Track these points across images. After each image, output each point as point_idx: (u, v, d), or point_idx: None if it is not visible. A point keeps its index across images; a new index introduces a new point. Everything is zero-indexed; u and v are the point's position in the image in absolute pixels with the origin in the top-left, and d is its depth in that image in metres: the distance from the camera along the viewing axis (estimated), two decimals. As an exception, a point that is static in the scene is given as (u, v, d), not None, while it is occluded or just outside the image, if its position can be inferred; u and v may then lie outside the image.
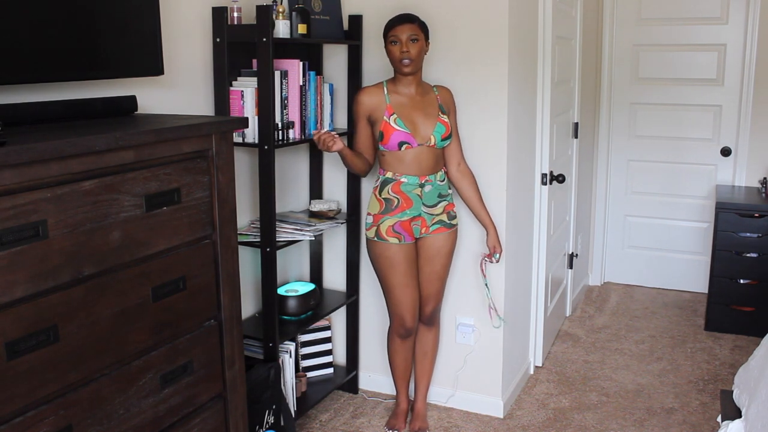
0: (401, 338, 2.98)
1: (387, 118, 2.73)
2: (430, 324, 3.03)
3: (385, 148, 2.76)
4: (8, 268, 1.44)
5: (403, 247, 2.80)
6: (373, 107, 2.77)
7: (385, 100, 2.76)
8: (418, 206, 2.79)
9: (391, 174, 2.78)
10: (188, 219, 1.89)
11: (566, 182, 3.94)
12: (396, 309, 2.89)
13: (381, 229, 2.79)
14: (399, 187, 2.77)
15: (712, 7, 4.43)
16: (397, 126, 2.71)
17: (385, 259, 2.81)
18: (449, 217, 2.87)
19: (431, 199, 2.81)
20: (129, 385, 1.75)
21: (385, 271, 2.84)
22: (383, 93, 2.78)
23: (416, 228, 2.81)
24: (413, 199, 2.78)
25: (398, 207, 2.78)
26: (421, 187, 2.77)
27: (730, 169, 4.54)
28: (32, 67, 1.83)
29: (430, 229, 2.83)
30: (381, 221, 2.80)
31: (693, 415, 3.19)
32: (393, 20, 2.74)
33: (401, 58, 2.68)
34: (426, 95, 2.81)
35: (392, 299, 2.88)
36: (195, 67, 2.63)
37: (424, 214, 2.81)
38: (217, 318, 2.04)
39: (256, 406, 2.54)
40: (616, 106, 4.78)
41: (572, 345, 3.96)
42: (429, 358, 3.07)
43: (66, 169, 1.54)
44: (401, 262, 2.80)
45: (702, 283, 4.68)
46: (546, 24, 3.31)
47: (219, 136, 1.96)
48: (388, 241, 2.79)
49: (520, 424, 3.12)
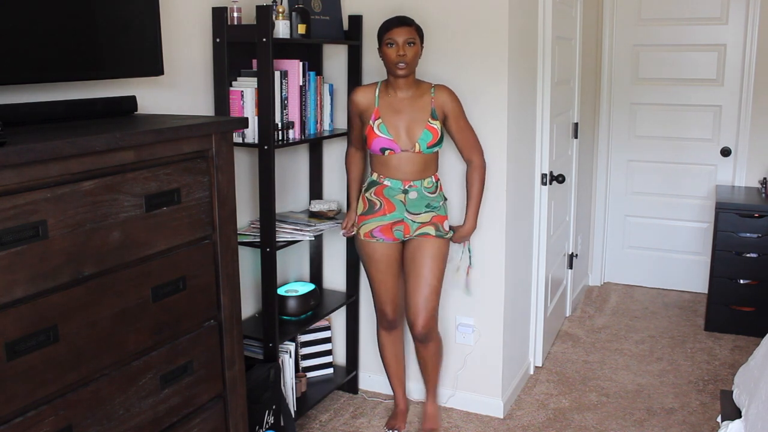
0: (386, 330, 3.01)
1: (372, 122, 2.71)
2: (424, 341, 2.90)
3: (369, 150, 2.78)
4: (8, 268, 1.44)
5: (383, 245, 2.81)
6: (363, 108, 2.75)
7: (374, 103, 2.72)
8: (401, 211, 2.76)
9: (377, 176, 2.78)
10: (188, 219, 1.89)
11: (566, 182, 3.94)
12: (377, 301, 2.94)
13: (361, 231, 2.82)
14: (382, 191, 2.77)
15: (712, 7, 4.43)
16: (379, 132, 2.69)
17: (365, 255, 2.86)
18: (437, 229, 2.79)
19: (416, 206, 2.76)
20: (129, 386, 1.75)
21: (367, 266, 2.90)
22: (374, 95, 2.74)
23: (398, 232, 2.79)
24: (396, 204, 2.76)
25: (380, 210, 2.77)
26: (404, 192, 2.74)
27: (730, 169, 4.54)
28: (32, 67, 1.83)
29: (414, 234, 2.80)
30: (363, 224, 2.81)
31: (693, 415, 3.19)
32: (389, 22, 2.67)
33: (397, 61, 2.63)
34: (419, 98, 2.72)
35: (373, 292, 2.94)
36: (195, 67, 2.63)
37: (407, 220, 2.77)
38: (217, 318, 2.04)
39: (256, 406, 2.54)
40: (616, 106, 4.78)
41: (572, 345, 3.96)
42: (430, 369, 3.00)
43: (66, 169, 1.54)
44: (380, 259, 2.83)
45: (702, 283, 4.68)
46: (546, 24, 3.31)
47: (219, 136, 1.96)
48: (367, 240, 2.82)
49: (520, 425, 3.12)
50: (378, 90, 2.75)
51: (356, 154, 2.93)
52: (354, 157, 2.94)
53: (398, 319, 2.99)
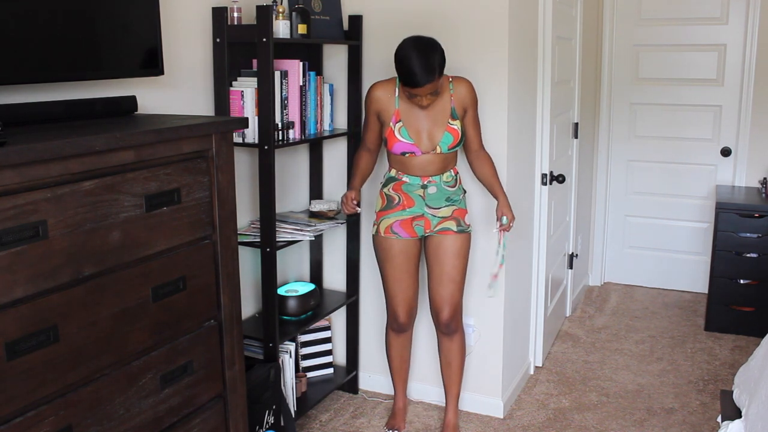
0: (395, 332, 2.98)
1: (393, 125, 2.66)
2: (449, 333, 2.88)
3: (389, 151, 2.75)
4: (8, 268, 1.44)
5: (402, 241, 2.78)
6: (382, 107, 2.68)
7: (394, 104, 2.66)
8: (421, 206, 2.75)
9: (395, 172, 2.77)
10: (188, 219, 1.89)
11: (566, 182, 3.94)
12: (390, 302, 2.90)
13: (380, 228, 2.79)
14: (401, 187, 2.76)
15: (712, 7, 4.43)
16: (401, 137, 2.65)
17: (382, 251, 2.82)
18: (458, 224, 2.77)
19: (436, 201, 2.75)
20: (129, 386, 1.75)
21: (382, 264, 2.85)
22: (394, 93, 2.66)
23: (419, 228, 2.77)
24: (415, 198, 2.75)
25: (399, 204, 2.76)
26: (423, 188, 2.73)
27: (730, 169, 4.54)
28: (32, 67, 1.83)
29: (435, 230, 2.77)
30: (381, 219, 2.79)
31: (693, 415, 3.19)
32: (414, 78, 2.45)
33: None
34: (440, 98, 2.63)
35: (387, 292, 2.89)
36: (195, 67, 2.63)
37: (428, 215, 2.76)
38: (217, 318, 2.04)
39: (256, 406, 2.54)
40: (616, 106, 4.78)
41: (572, 345, 3.96)
42: (454, 368, 2.94)
43: (66, 169, 1.54)
44: (397, 256, 2.79)
45: (702, 283, 4.68)
46: (546, 24, 3.31)
47: (219, 136, 1.96)
48: (386, 236, 2.80)
49: (520, 425, 3.12)
50: (398, 89, 2.66)
51: (367, 156, 2.83)
52: (364, 158, 2.83)
53: (409, 323, 2.94)
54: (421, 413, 3.21)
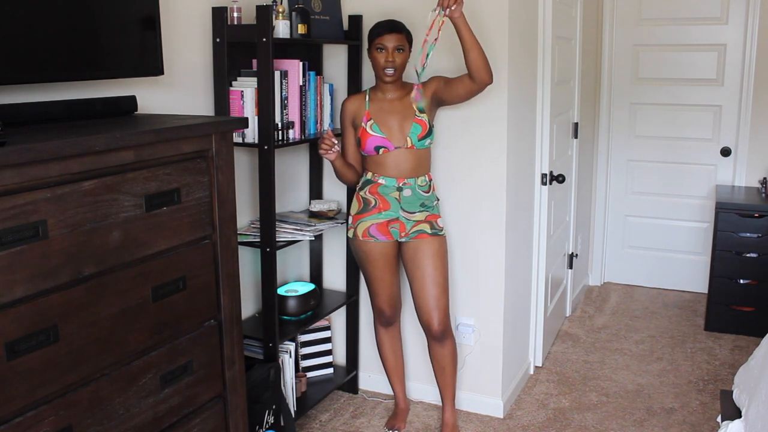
0: (383, 326, 3.03)
1: (365, 123, 2.76)
2: (441, 340, 2.89)
3: (364, 152, 2.79)
4: (8, 268, 1.44)
5: (380, 244, 2.82)
6: (354, 112, 2.82)
7: (365, 107, 2.79)
8: (396, 209, 2.78)
9: (371, 175, 2.80)
10: (188, 219, 1.89)
11: (566, 182, 3.94)
12: (375, 300, 2.95)
13: (357, 231, 2.82)
14: (377, 189, 2.78)
15: (712, 7, 4.43)
16: (372, 131, 2.74)
17: (362, 254, 2.86)
18: (432, 227, 2.82)
19: (411, 205, 2.79)
20: (129, 385, 1.75)
21: (363, 266, 2.90)
22: (365, 100, 2.81)
23: (394, 231, 2.80)
24: (390, 201, 2.78)
25: (375, 207, 2.79)
26: (399, 190, 2.76)
27: (730, 169, 4.54)
28: (32, 67, 1.83)
29: (411, 234, 2.81)
30: (358, 222, 2.82)
31: (693, 415, 3.19)
32: (380, 27, 2.71)
33: (385, 66, 2.69)
34: (407, 96, 2.78)
35: (371, 291, 2.95)
36: (195, 67, 2.63)
37: (402, 218, 2.79)
38: (217, 318, 2.04)
39: (256, 406, 2.54)
40: (616, 106, 4.78)
41: (572, 345, 3.96)
42: (449, 372, 2.95)
43: (66, 169, 1.54)
44: (378, 258, 2.84)
45: (702, 283, 4.68)
46: (546, 24, 3.31)
47: (219, 136, 1.96)
48: (364, 240, 2.83)
49: (520, 425, 3.12)
50: (368, 96, 2.82)
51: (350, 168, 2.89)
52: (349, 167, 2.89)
53: (395, 315, 3.01)
54: (420, 413, 3.21)
